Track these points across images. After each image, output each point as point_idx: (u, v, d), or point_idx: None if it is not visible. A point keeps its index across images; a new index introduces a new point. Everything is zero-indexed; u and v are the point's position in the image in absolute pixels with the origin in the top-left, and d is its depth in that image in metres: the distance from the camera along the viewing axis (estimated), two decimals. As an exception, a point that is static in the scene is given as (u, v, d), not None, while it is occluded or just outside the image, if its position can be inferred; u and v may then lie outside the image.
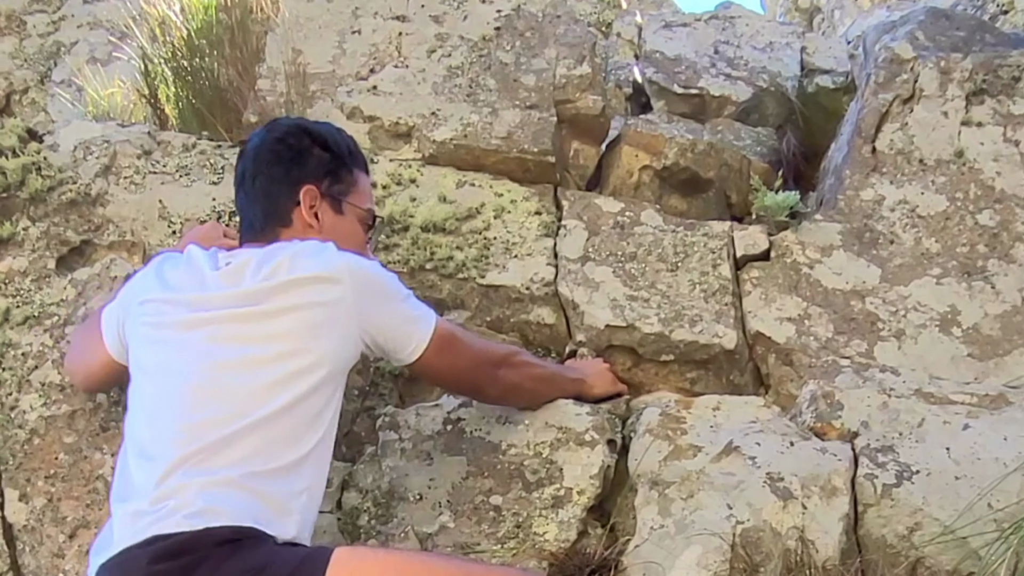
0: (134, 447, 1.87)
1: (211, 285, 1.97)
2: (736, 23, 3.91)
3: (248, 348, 1.88)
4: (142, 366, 1.97)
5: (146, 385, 1.94)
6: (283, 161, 2.11)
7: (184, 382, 1.86)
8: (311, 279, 1.90)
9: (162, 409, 1.86)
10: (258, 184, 2.12)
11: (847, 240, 2.66)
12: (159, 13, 3.18)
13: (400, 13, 3.23)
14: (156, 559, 1.67)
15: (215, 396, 1.83)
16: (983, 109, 2.81)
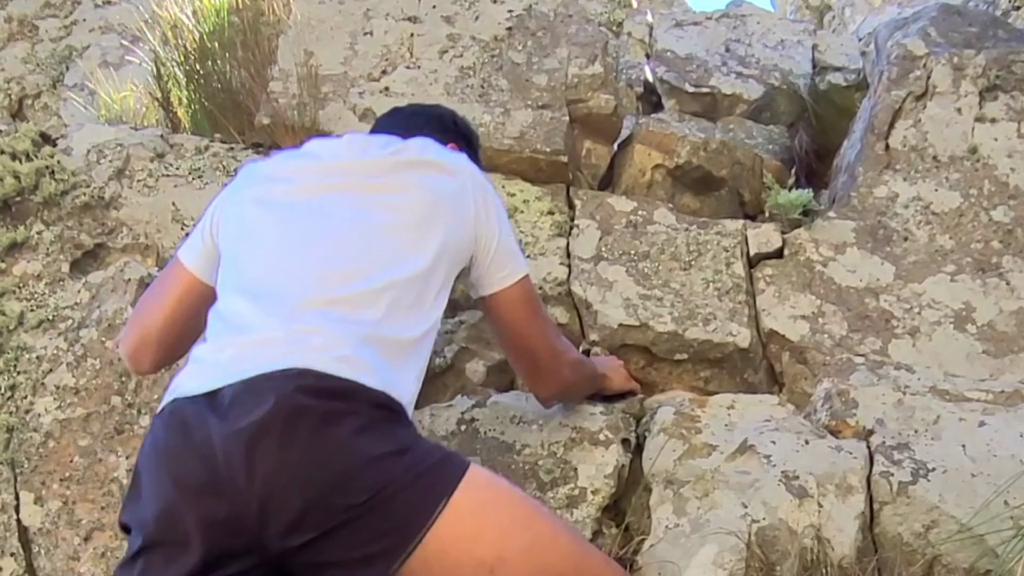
0: (243, 291, 1.79)
1: (341, 153, 2.00)
2: (747, 21, 3.90)
3: (383, 213, 1.86)
4: (256, 225, 1.88)
5: (267, 235, 1.85)
6: (435, 129, 2.15)
7: (323, 233, 1.83)
8: (435, 164, 1.94)
9: (293, 256, 1.80)
10: (421, 119, 2.20)
11: (861, 237, 2.65)
12: (171, 17, 3.18)
13: (411, 14, 3.23)
14: (308, 392, 1.58)
15: (358, 248, 1.81)
16: (997, 105, 2.80)
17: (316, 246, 1.81)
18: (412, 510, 1.57)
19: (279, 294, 1.74)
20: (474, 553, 1.59)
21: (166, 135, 3.04)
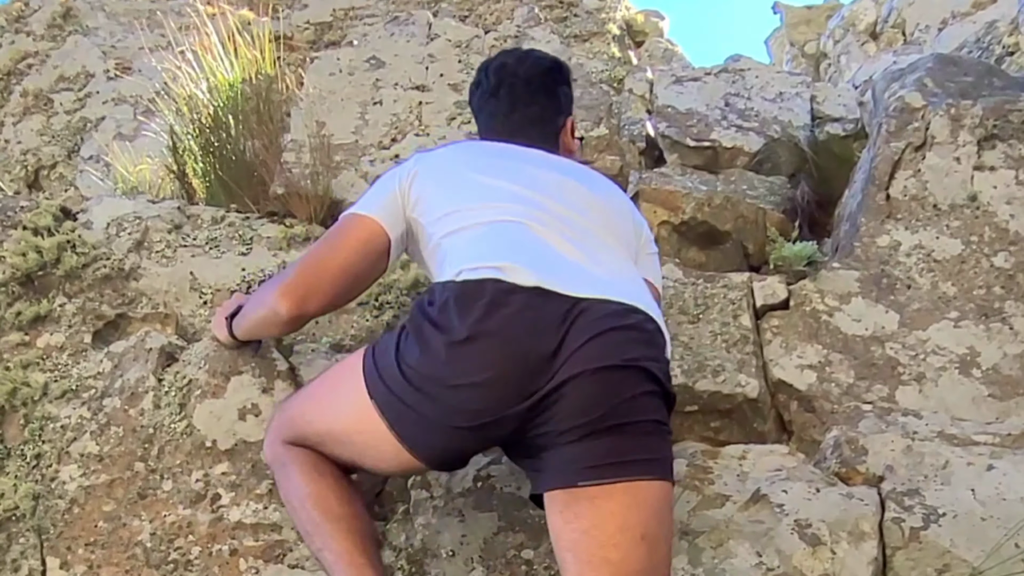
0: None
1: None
2: (746, 75, 3.98)
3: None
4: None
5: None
6: (551, 94, 2.39)
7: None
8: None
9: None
10: (533, 111, 2.35)
11: (865, 287, 2.70)
12: (186, 93, 3.26)
13: (419, 83, 3.32)
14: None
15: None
16: (995, 153, 2.85)
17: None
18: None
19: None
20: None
21: (183, 207, 3.11)
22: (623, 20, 4.69)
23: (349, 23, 4.56)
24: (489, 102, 2.39)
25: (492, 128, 2.38)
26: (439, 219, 2.07)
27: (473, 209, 2.03)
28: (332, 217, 3.06)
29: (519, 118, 2.34)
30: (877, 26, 7.40)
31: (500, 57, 2.46)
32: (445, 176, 2.15)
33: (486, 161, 2.16)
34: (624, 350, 1.83)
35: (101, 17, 4.69)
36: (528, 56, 2.46)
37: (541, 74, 2.39)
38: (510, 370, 1.81)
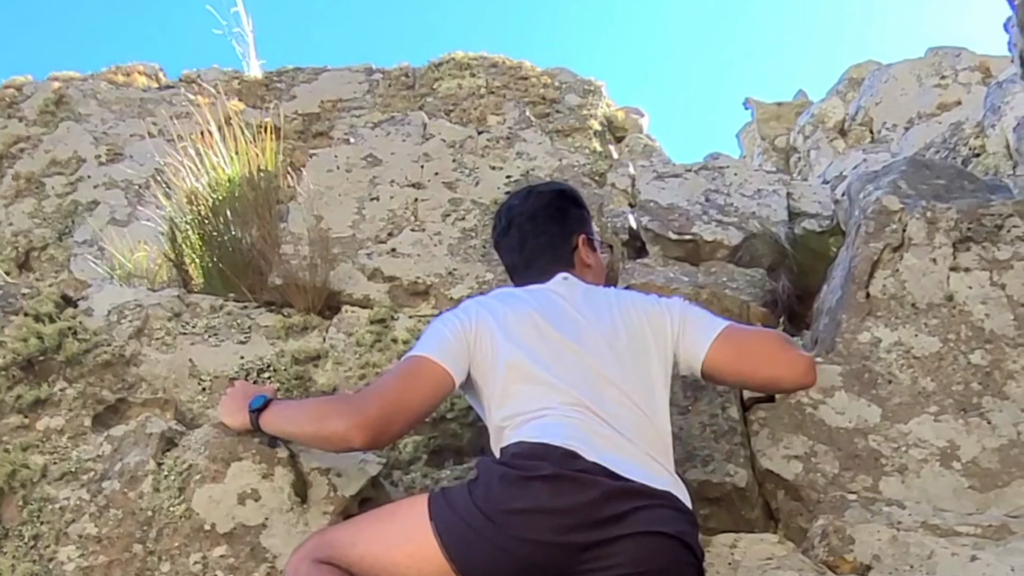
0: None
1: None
2: (725, 172, 4.11)
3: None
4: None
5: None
6: (557, 220, 2.63)
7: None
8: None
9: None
10: (542, 240, 2.60)
11: (848, 381, 2.79)
12: (188, 187, 3.34)
13: (415, 181, 3.43)
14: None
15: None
16: (969, 255, 2.97)
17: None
18: None
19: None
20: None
21: (183, 295, 3.18)
22: (604, 116, 4.84)
23: (337, 115, 4.67)
24: (504, 241, 2.68)
25: (513, 263, 2.66)
26: (498, 405, 2.28)
27: (528, 402, 2.23)
28: (329, 308, 3.15)
29: (530, 250, 2.60)
30: (845, 123, 7.64)
31: (509, 199, 2.75)
32: (500, 351, 2.31)
33: (526, 332, 2.34)
34: (671, 524, 2.06)
35: (93, 104, 4.77)
36: (532, 193, 2.71)
37: (544, 206, 2.64)
38: (578, 507, 2.01)
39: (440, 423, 2.83)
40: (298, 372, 2.94)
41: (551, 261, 2.56)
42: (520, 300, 2.43)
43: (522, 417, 2.20)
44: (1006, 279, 2.91)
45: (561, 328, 2.34)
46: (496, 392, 2.28)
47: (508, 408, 2.25)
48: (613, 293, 2.53)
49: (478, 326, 2.34)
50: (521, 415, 2.21)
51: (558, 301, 2.42)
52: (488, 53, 5.00)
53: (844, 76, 8.43)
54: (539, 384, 2.24)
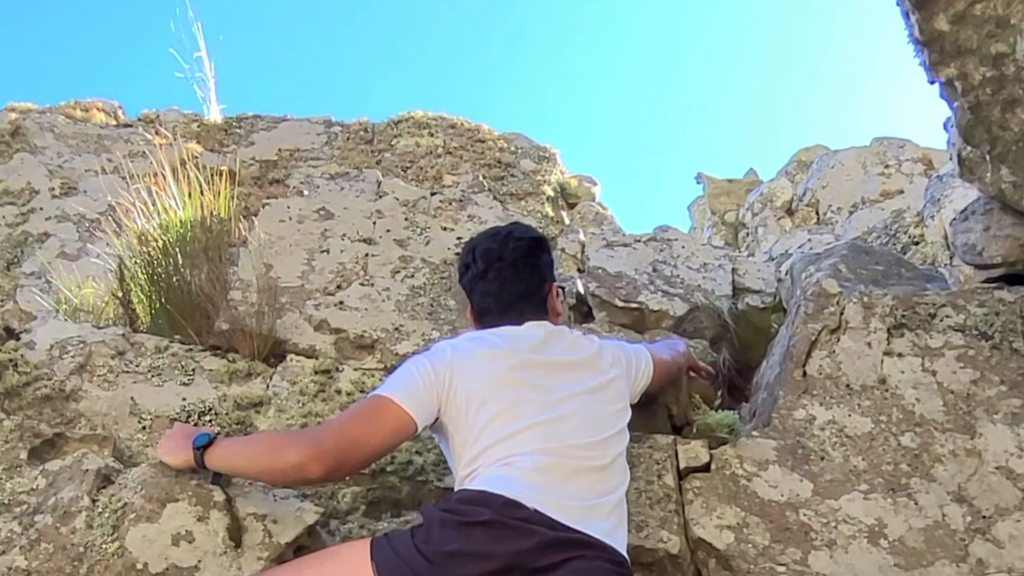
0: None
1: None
2: (673, 245, 4.20)
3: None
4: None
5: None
6: (534, 268, 2.71)
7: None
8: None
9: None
10: (520, 287, 2.67)
11: (782, 455, 2.85)
12: (139, 228, 3.34)
13: (367, 236, 3.46)
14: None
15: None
16: (903, 341, 3.06)
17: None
18: None
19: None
20: None
21: (127, 334, 3.17)
22: (558, 183, 4.92)
23: (294, 164, 4.70)
24: (480, 283, 2.70)
25: (486, 307, 2.69)
26: (466, 452, 2.35)
27: (492, 451, 2.30)
28: (274, 355, 3.16)
29: (508, 296, 2.65)
30: (793, 204, 7.82)
31: (486, 242, 2.76)
32: (473, 399, 2.38)
33: (499, 378, 2.41)
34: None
35: (50, 138, 4.75)
36: (509, 239, 2.74)
37: (524, 254, 2.70)
38: (513, 554, 2.09)
39: (379, 475, 2.84)
40: (239, 417, 2.94)
41: (528, 308, 2.64)
42: (494, 345, 2.49)
43: (483, 467, 2.28)
44: (937, 366, 3.00)
45: (532, 375, 2.42)
46: (466, 439, 2.34)
47: (474, 457, 2.31)
48: (583, 339, 2.64)
49: (451, 371, 2.39)
50: (484, 466, 2.28)
51: (533, 347, 2.51)
52: (447, 114, 5.08)
53: (793, 158, 8.64)
54: (505, 433, 2.31)
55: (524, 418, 2.33)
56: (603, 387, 2.51)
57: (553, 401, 2.38)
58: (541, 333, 2.57)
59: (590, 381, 2.49)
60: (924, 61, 3.05)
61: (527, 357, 2.46)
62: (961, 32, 2.88)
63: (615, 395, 2.54)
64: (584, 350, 2.59)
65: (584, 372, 2.51)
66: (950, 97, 3.10)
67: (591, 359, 2.56)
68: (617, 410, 2.52)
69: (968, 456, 2.81)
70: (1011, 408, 2.90)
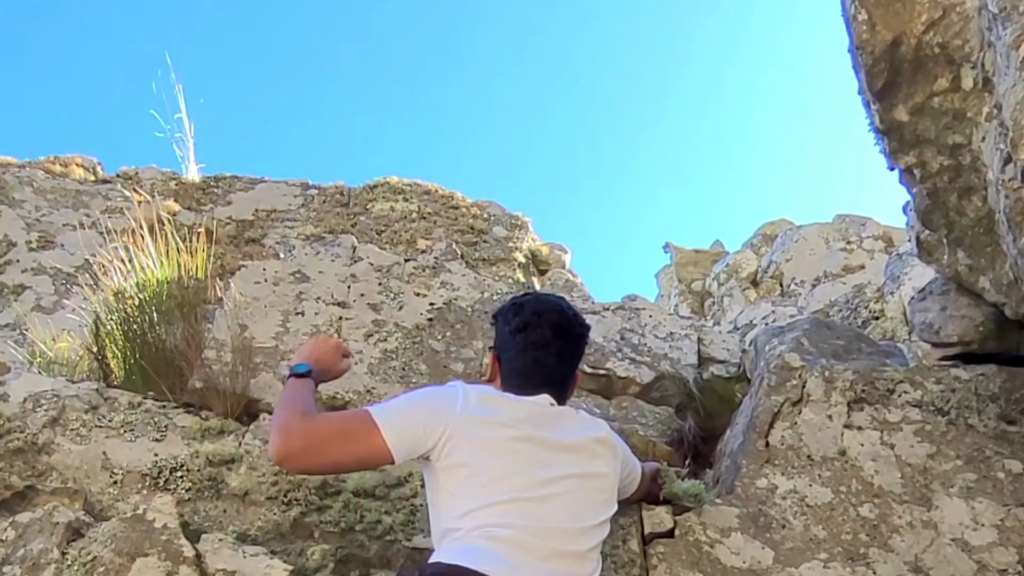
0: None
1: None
2: (640, 314, 4.29)
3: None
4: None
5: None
6: (576, 355, 2.74)
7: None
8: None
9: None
10: (550, 360, 2.64)
11: (744, 523, 2.91)
12: (115, 286, 3.39)
13: (341, 300, 3.52)
14: None
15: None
16: (863, 415, 3.15)
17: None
18: None
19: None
20: None
21: (101, 389, 3.20)
22: (529, 250, 5.02)
23: (271, 224, 4.77)
24: (535, 352, 2.63)
25: (523, 372, 2.64)
26: (447, 507, 2.39)
27: (474, 515, 2.33)
28: (247, 414, 3.20)
29: (550, 374, 2.63)
30: (758, 275, 7.96)
31: (554, 315, 2.70)
32: (468, 461, 2.40)
33: (500, 448, 2.43)
34: None
35: (28, 191, 4.79)
36: (575, 321, 2.74)
37: (567, 328, 2.70)
38: None
39: (348, 533, 2.88)
40: (211, 474, 2.97)
41: (546, 380, 2.62)
42: (502, 413, 2.49)
43: (463, 533, 2.30)
44: (895, 440, 3.09)
45: (530, 448, 2.44)
46: (454, 494, 2.37)
47: (456, 516, 2.34)
48: (591, 422, 2.67)
49: (453, 426, 2.40)
50: (464, 531, 2.31)
51: (540, 422, 2.51)
52: (422, 181, 5.18)
53: (758, 231, 8.81)
54: (490, 501, 2.33)
55: (512, 491, 2.35)
56: (596, 476, 2.52)
57: (544, 480, 2.40)
58: (552, 411, 2.57)
59: (586, 467, 2.50)
60: (884, 148, 3.18)
61: (530, 432, 2.46)
62: (920, 123, 3.01)
63: (606, 487, 2.55)
64: (589, 432, 2.59)
65: (582, 456, 2.52)
66: (909, 183, 3.23)
67: (593, 444, 2.56)
68: (603, 500, 2.52)
69: (925, 528, 2.89)
70: (966, 482, 2.99)
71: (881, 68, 2.97)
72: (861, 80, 3.10)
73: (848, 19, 3.04)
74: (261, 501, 2.92)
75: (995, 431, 3.12)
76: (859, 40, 2.97)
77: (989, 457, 3.05)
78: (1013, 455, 3.04)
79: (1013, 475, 3.00)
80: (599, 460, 2.55)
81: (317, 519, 2.90)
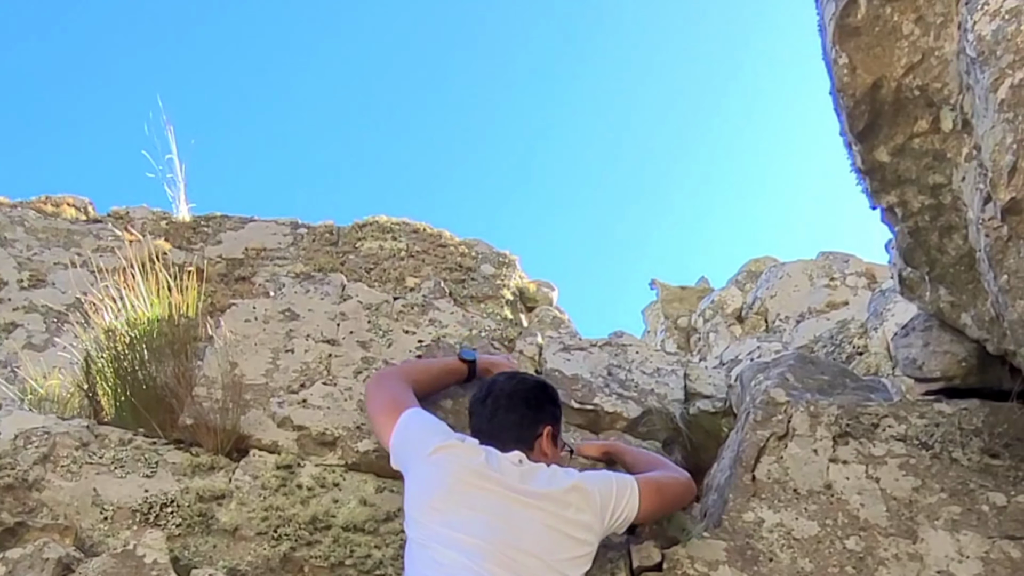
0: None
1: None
2: (627, 350, 4.31)
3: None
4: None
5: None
6: (531, 406, 2.94)
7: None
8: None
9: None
10: (512, 418, 2.90)
11: (731, 556, 2.94)
12: (106, 324, 3.41)
13: (330, 337, 3.55)
14: None
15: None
16: (848, 449, 3.20)
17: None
18: None
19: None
20: None
21: (92, 426, 3.22)
22: (517, 287, 5.05)
23: (260, 263, 4.79)
24: (479, 407, 2.98)
25: (479, 427, 2.94)
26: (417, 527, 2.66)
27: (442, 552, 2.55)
28: (237, 450, 3.22)
29: (499, 422, 2.89)
30: (743, 311, 8.00)
31: (500, 378, 3.06)
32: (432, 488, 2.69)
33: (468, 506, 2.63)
34: None
35: (20, 231, 4.81)
36: (516, 377, 3.10)
37: (525, 390, 2.99)
38: None
39: (338, 568, 2.89)
40: (201, 509, 2.98)
41: (514, 438, 2.83)
42: (475, 452, 2.74)
43: (435, 563, 2.49)
44: (880, 473, 3.13)
45: (497, 487, 2.63)
46: (418, 515, 2.66)
47: (428, 533, 2.61)
48: (561, 473, 2.78)
49: (443, 458, 2.72)
50: (434, 561, 2.51)
51: (507, 470, 2.70)
52: (410, 220, 5.21)
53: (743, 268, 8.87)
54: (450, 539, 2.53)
55: (474, 529, 2.55)
56: (565, 521, 2.65)
57: (506, 517, 2.59)
58: (520, 462, 2.74)
59: (553, 510, 2.64)
60: (866, 188, 3.24)
61: (498, 477, 2.66)
62: (901, 163, 3.08)
63: (579, 528, 2.67)
64: (557, 484, 2.71)
65: (548, 503, 2.65)
66: (891, 222, 3.29)
67: (560, 494, 2.68)
68: (578, 540, 2.66)
69: (911, 560, 2.92)
70: (951, 515, 3.03)
71: (862, 110, 3.04)
72: (843, 122, 3.17)
73: (829, 63, 3.11)
74: (251, 536, 2.94)
75: (979, 464, 3.16)
76: (840, 83, 3.04)
77: (973, 490, 3.09)
78: (997, 488, 3.09)
79: (997, 508, 3.04)
80: (569, 505, 2.67)
81: (307, 554, 2.91)
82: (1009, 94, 2.48)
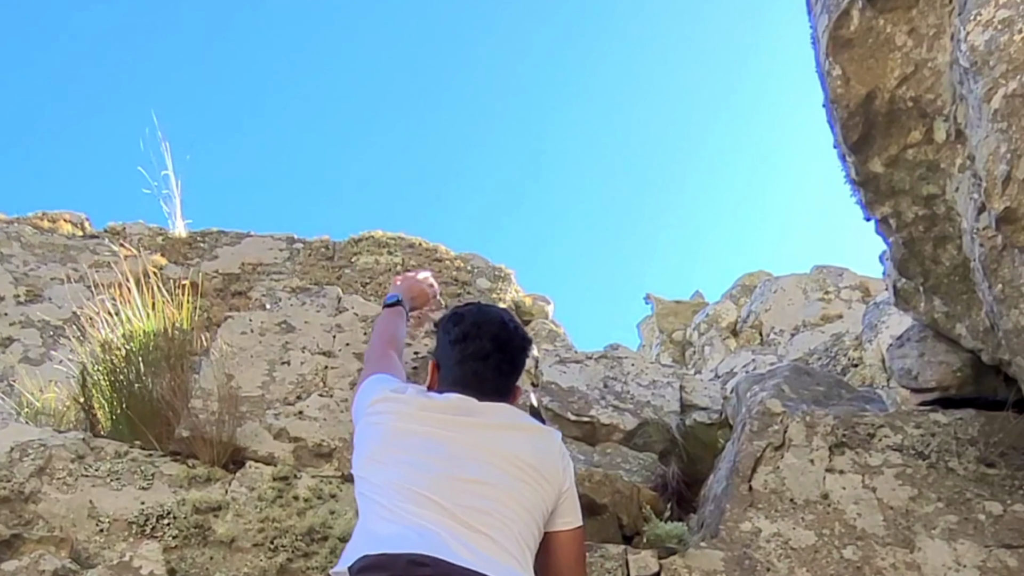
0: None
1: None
2: (623, 363, 4.33)
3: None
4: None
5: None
6: (516, 368, 2.67)
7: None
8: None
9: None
10: (498, 371, 2.60)
11: (728, 566, 2.93)
12: (102, 337, 3.42)
13: (326, 349, 3.56)
14: None
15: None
16: (844, 459, 3.20)
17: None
18: None
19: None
20: None
21: (88, 438, 3.22)
22: (512, 301, 5.07)
23: (257, 277, 4.81)
24: (473, 363, 2.58)
25: (465, 383, 2.55)
26: (365, 471, 2.40)
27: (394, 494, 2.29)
28: (234, 462, 3.22)
29: (494, 388, 2.56)
30: (737, 325, 8.04)
31: (494, 326, 2.64)
32: (388, 440, 2.43)
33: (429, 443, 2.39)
34: None
35: (16, 246, 4.82)
36: (517, 333, 2.68)
37: (517, 352, 2.65)
38: None
39: None
40: (198, 521, 2.98)
41: (493, 392, 2.53)
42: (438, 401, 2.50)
43: (382, 508, 2.27)
44: (877, 483, 3.13)
45: (455, 426, 2.42)
46: (369, 462, 2.40)
47: (370, 486, 2.34)
48: (545, 432, 2.57)
49: (381, 413, 2.49)
50: (380, 506, 2.27)
51: (471, 409, 2.47)
52: (406, 234, 5.24)
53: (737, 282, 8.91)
54: (408, 483, 2.30)
55: (430, 470, 2.32)
56: (530, 479, 2.39)
57: (465, 456, 2.36)
58: (494, 405, 2.51)
59: (522, 454, 2.41)
60: (860, 200, 3.26)
61: (459, 419, 2.45)
62: (895, 174, 3.10)
63: (541, 493, 2.40)
64: (537, 437, 2.50)
65: (519, 434, 2.47)
66: (885, 233, 3.31)
67: (536, 437, 2.50)
68: (538, 501, 2.39)
69: (908, 569, 2.92)
70: (948, 524, 3.03)
71: (856, 122, 3.06)
72: (836, 133, 3.19)
73: (823, 74, 3.13)
74: (247, 548, 2.93)
75: (975, 474, 3.17)
76: (834, 95, 3.06)
77: (970, 499, 3.09)
78: (993, 497, 3.09)
79: (994, 517, 3.04)
80: (541, 461, 2.43)
81: (304, 565, 2.91)
82: (1002, 104, 2.49)
